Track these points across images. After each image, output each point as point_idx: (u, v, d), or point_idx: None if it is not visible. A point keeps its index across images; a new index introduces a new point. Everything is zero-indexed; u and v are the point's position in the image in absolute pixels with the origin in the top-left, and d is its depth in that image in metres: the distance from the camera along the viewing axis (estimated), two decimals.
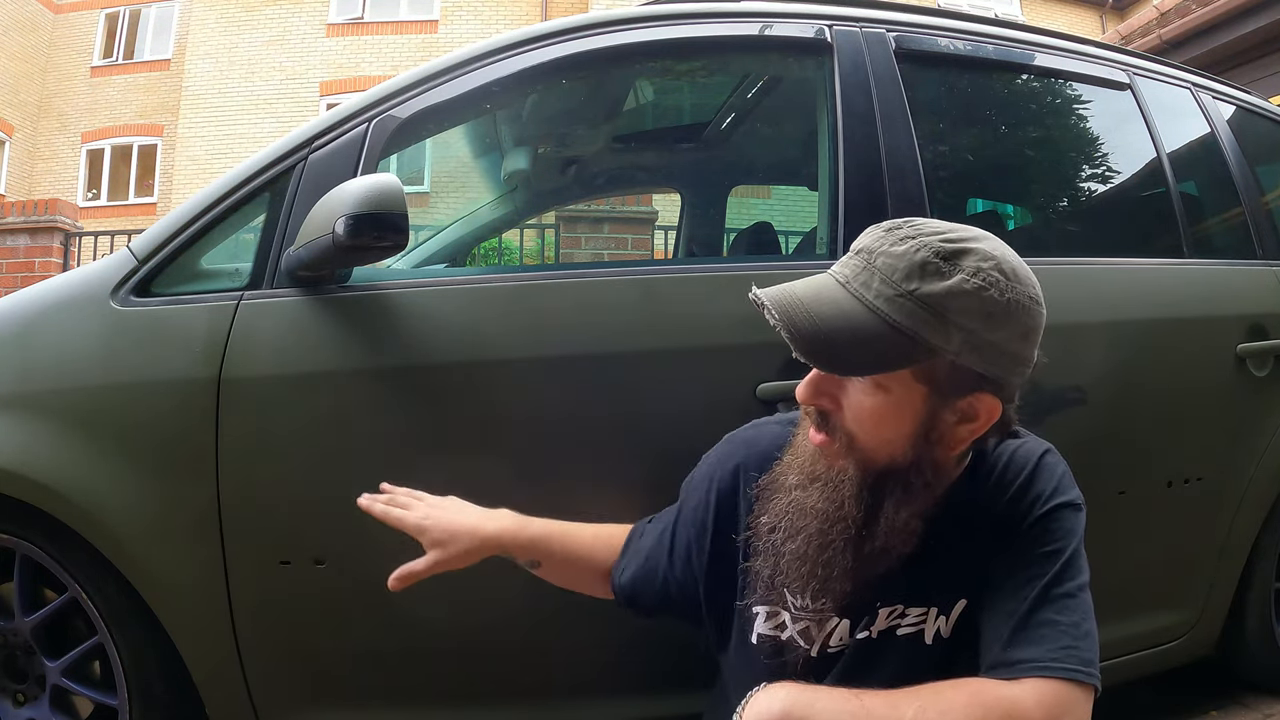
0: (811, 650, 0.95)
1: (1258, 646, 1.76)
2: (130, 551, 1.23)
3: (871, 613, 0.92)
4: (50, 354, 1.29)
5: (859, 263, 0.84)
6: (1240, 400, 1.69)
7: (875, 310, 0.80)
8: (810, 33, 1.59)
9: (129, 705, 1.28)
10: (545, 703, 1.34)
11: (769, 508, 0.92)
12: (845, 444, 0.86)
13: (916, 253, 0.81)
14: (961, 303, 0.79)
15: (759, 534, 0.93)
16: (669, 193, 3.36)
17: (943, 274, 0.80)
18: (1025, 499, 0.91)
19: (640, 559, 1.09)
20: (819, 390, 0.86)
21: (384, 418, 1.29)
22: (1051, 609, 0.84)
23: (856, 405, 0.85)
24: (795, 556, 0.88)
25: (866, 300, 0.81)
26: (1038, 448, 0.96)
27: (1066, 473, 0.94)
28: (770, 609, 0.97)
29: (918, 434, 0.85)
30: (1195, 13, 5.04)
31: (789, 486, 0.91)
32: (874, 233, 0.86)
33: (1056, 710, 0.79)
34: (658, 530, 1.10)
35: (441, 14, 13.45)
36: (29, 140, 14.31)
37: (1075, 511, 0.91)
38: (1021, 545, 0.89)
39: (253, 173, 1.36)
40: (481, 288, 1.37)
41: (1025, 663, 0.82)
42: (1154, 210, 1.84)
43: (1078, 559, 0.89)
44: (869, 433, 0.85)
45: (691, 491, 1.08)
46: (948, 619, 0.92)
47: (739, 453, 1.05)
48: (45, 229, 5.57)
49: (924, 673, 0.89)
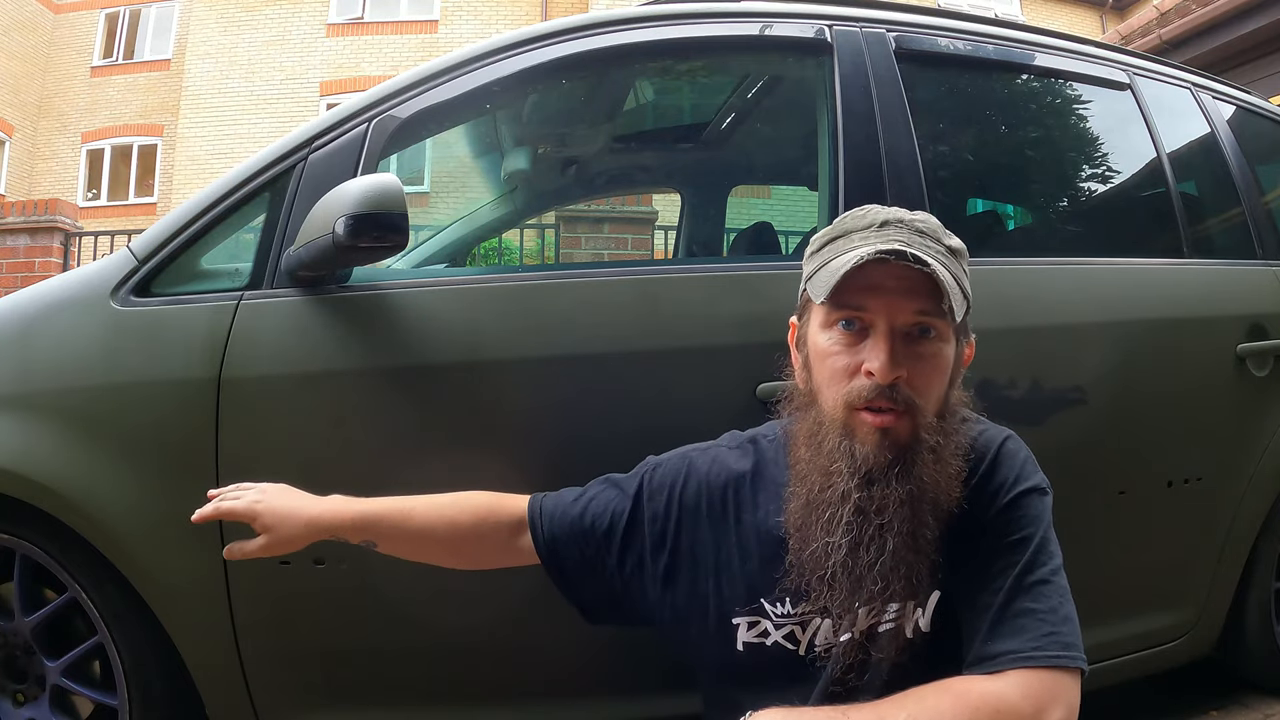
0: (799, 650, 0.95)
1: (1258, 646, 1.76)
2: (130, 551, 1.23)
3: (851, 612, 0.90)
4: (50, 354, 1.29)
5: (901, 231, 0.91)
6: (1240, 400, 1.69)
7: (943, 264, 0.88)
8: (810, 33, 1.59)
9: (129, 705, 1.28)
10: (545, 703, 1.34)
11: (819, 530, 0.87)
12: (912, 415, 0.87)
13: (930, 219, 0.94)
14: (965, 254, 0.95)
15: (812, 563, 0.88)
16: (669, 193, 3.36)
17: (950, 234, 0.94)
18: (989, 488, 0.91)
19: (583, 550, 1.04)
20: (899, 361, 0.86)
21: (384, 418, 1.29)
22: (1027, 597, 0.85)
23: (928, 366, 0.88)
24: (894, 554, 0.85)
25: (935, 255, 0.88)
26: (997, 435, 0.96)
27: (1029, 458, 0.95)
28: (751, 619, 0.96)
29: (949, 384, 0.91)
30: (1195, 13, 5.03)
31: (842, 494, 0.86)
32: (872, 212, 0.94)
33: (1044, 699, 0.80)
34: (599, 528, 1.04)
35: (441, 14, 13.45)
36: (29, 140, 14.31)
37: (1041, 496, 0.92)
38: (990, 535, 0.89)
39: (253, 173, 1.36)
40: (481, 288, 1.37)
41: (1006, 655, 0.82)
42: (1154, 210, 1.84)
43: (1048, 544, 0.89)
44: (931, 392, 0.89)
45: (646, 500, 1.03)
46: (924, 612, 0.92)
47: (703, 469, 1.02)
48: (45, 229, 5.57)
49: (911, 667, 0.90)
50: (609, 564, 1.04)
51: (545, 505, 1.08)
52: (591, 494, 1.07)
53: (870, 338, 0.88)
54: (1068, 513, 0.96)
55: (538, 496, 1.10)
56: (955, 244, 0.93)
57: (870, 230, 0.91)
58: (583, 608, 1.09)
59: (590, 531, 1.04)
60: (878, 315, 0.87)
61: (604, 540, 1.03)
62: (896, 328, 0.87)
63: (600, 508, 1.05)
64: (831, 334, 0.91)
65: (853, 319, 0.89)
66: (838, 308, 0.89)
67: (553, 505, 1.08)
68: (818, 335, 0.92)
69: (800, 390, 0.96)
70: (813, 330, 0.93)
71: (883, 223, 0.92)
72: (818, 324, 0.92)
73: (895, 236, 0.90)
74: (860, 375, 0.87)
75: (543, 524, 1.06)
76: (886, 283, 0.87)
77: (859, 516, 0.86)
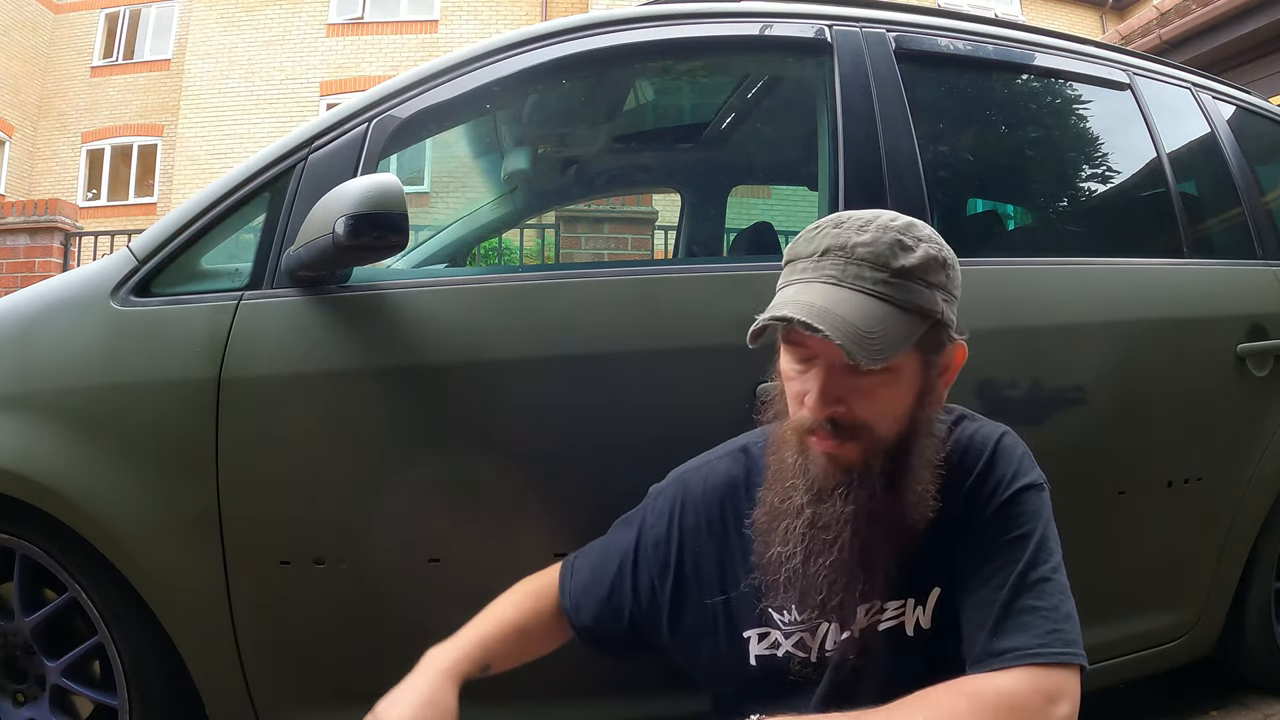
0: (810, 657, 0.95)
1: (1258, 646, 1.76)
2: (130, 551, 1.23)
3: (851, 612, 0.91)
4: (50, 354, 1.29)
5: (838, 261, 0.86)
6: (1240, 400, 1.69)
7: (878, 296, 0.84)
8: (810, 33, 1.59)
9: (129, 705, 1.28)
10: (545, 703, 1.34)
11: (777, 538, 0.90)
12: (860, 439, 0.87)
13: (883, 236, 0.86)
14: (933, 266, 0.87)
15: (771, 567, 0.91)
16: (669, 193, 3.36)
17: (910, 248, 0.86)
18: (987, 484, 0.92)
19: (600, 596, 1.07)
20: (830, 398, 0.86)
21: (384, 418, 1.28)
22: (1030, 595, 0.86)
23: (872, 395, 0.86)
24: (833, 567, 0.87)
25: (868, 290, 0.84)
26: (994, 431, 0.96)
27: (1026, 454, 0.95)
28: (760, 631, 0.97)
29: (915, 401, 0.89)
30: (1195, 13, 5.03)
31: (798, 508, 0.89)
32: (821, 234, 0.89)
33: (1053, 694, 0.81)
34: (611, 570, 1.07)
35: (441, 14, 13.45)
36: (29, 140, 14.31)
37: (1039, 493, 0.92)
38: (990, 532, 0.90)
39: (253, 173, 1.36)
40: (481, 288, 1.37)
41: (1012, 652, 0.83)
42: (1154, 210, 1.84)
43: (1048, 541, 0.90)
44: (884, 416, 0.87)
45: (648, 528, 1.06)
46: (925, 608, 0.93)
47: (697, 486, 1.04)
48: (45, 229, 5.57)
49: (912, 664, 0.91)
50: (625, 603, 1.06)
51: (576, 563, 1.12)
52: (608, 540, 1.11)
53: (814, 369, 0.87)
54: (1068, 513, 0.96)
55: (569, 558, 1.14)
56: (911, 261, 0.85)
57: (810, 260, 0.88)
58: (610, 651, 1.11)
59: (605, 577, 1.07)
60: (816, 349, 0.87)
61: (617, 580, 1.06)
62: (834, 363, 0.85)
63: (613, 551, 1.09)
64: (788, 356, 0.91)
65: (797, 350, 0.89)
66: (784, 340, 0.90)
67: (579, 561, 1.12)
68: (783, 355, 0.92)
69: (782, 396, 0.96)
70: (782, 347, 0.93)
71: (824, 251, 0.87)
72: (782, 342, 0.92)
73: (827, 271, 0.86)
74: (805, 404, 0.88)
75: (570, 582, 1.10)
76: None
77: (810, 529, 0.88)
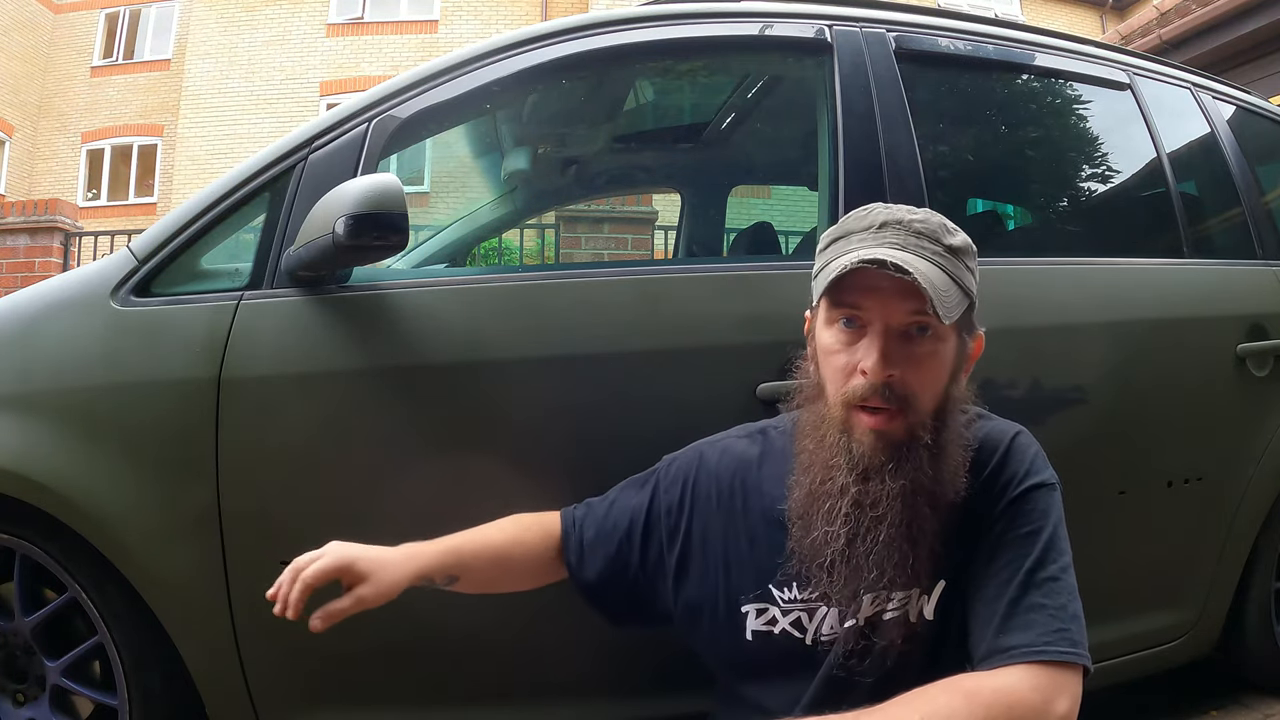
0: (806, 639, 0.96)
1: (1258, 646, 1.76)
2: (130, 551, 1.23)
3: (854, 600, 0.92)
4: (50, 354, 1.29)
5: (899, 231, 0.92)
6: (1240, 400, 1.69)
7: (938, 264, 0.90)
8: (810, 33, 1.59)
9: (129, 705, 1.28)
10: (545, 703, 1.34)
11: (819, 519, 0.90)
12: (906, 412, 0.88)
13: (932, 218, 0.94)
14: (970, 252, 0.95)
15: (813, 551, 0.91)
16: (669, 193, 3.36)
17: (953, 232, 0.94)
18: (999, 482, 0.92)
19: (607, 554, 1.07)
20: (892, 360, 0.88)
21: (384, 418, 1.28)
22: (1038, 593, 0.86)
23: (921, 364, 0.89)
24: (885, 544, 0.87)
25: (929, 257, 0.90)
26: (1009, 429, 0.97)
27: (1039, 453, 0.96)
28: (759, 606, 0.98)
29: (950, 378, 0.93)
30: (1195, 13, 5.03)
31: (841, 487, 0.89)
32: (873, 213, 0.94)
33: (1052, 693, 0.81)
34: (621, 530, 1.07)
35: (441, 14, 13.44)
36: (29, 140, 14.31)
37: (1050, 492, 0.93)
38: (1000, 529, 0.90)
39: (253, 173, 1.36)
40: (481, 288, 1.37)
41: (1016, 649, 0.84)
42: (1154, 210, 1.84)
43: (1058, 540, 0.90)
44: (928, 388, 0.90)
45: (662, 493, 1.07)
46: (930, 600, 0.93)
47: (713, 458, 1.06)
48: (45, 229, 5.57)
49: (913, 654, 0.91)
50: (631, 563, 1.07)
51: (578, 515, 1.12)
52: (613, 498, 1.11)
53: (867, 336, 0.90)
54: (1068, 512, 0.96)
55: (569, 509, 1.14)
56: (957, 242, 0.93)
57: (869, 232, 0.93)
58: (607, 612, 1.11)
59: (612, 533, 1.08)
60: (873, 315, 0.89)
61: (625, 540, 1.07)
62: (891, 327, 0.89)
63: (621, 510, 1.09)
64: (834, 331, 0.93)
65: (852, 317, 0.91)
66: (837, 306, 0.92)
67: (584, 515, 1.12)
68: (823, 331, 0.95)
69: (810, 382, 0.98)
70: (819, 325, 0.96)
71: (881, 224, 0.93)
72: (823, 320, 0.95)
73: (890, 239, 0.91)
74: (857, 374, 0.89)
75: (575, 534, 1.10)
76: (881, 284, 0.88)
77: (856, 509, 0.89)
